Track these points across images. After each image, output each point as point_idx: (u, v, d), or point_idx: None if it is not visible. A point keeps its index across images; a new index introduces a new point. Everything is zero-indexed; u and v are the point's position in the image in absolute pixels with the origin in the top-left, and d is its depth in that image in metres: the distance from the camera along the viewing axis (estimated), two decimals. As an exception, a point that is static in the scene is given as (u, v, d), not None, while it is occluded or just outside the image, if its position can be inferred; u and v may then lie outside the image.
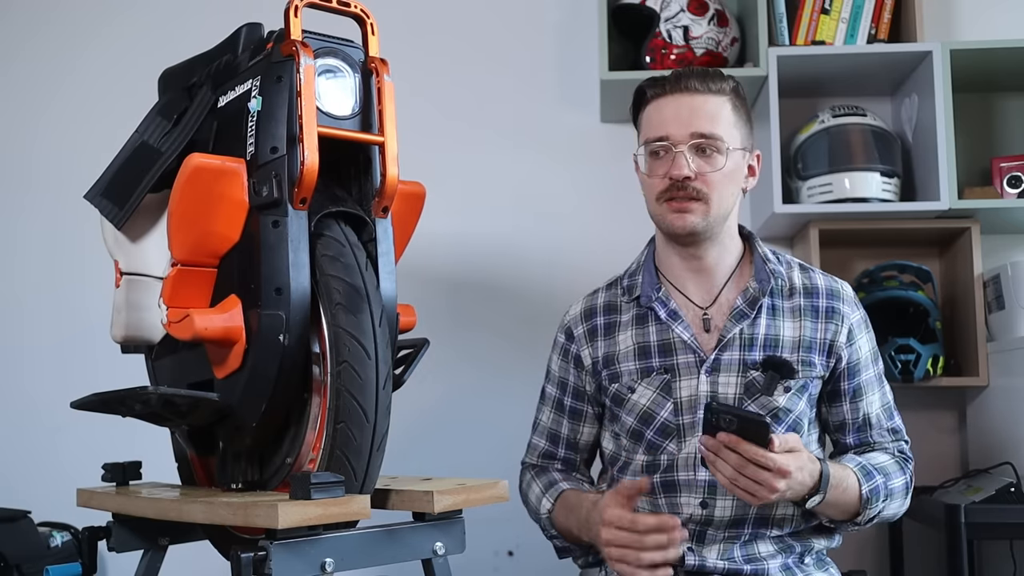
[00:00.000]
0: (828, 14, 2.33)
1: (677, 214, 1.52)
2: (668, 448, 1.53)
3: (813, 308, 1.57)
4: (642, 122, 1.58)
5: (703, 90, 1.52)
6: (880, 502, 1.49)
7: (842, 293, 1.60)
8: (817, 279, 1.60)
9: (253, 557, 1.11)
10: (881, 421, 1.59)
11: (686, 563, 1.50)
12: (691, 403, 1.52)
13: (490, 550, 2.40)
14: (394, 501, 1.32)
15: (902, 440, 1.61)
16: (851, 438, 1.59)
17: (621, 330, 1.60)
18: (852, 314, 1.59)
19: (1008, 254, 2.38)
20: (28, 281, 2.57)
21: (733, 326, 1.53)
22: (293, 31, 1.26)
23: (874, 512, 1.49)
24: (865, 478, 1.48)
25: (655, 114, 1.54)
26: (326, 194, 1.30)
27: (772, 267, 1.58)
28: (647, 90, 1.57)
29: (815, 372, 1.54)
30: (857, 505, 1.48)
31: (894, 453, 1.58)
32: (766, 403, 1.50)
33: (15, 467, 2.48)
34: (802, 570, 1.52)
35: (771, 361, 1.51)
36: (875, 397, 1.59)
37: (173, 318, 1.28)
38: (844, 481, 1.45)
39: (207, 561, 1.53)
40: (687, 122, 1.51)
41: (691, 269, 1.58)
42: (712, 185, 1.51)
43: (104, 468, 1.52)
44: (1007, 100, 2.44)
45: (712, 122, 1.51)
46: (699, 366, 1.53)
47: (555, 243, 2.48)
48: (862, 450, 1.58)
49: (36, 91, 2.62)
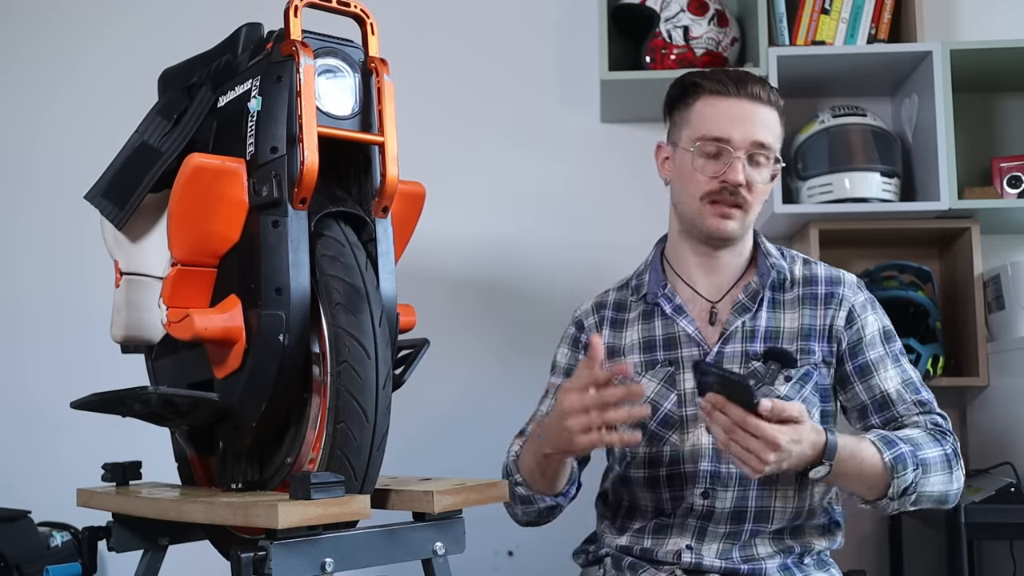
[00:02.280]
0: (828, 14, 2.33)
1: (720, 219, 1.53)
2: (671, 440, 1.54)
3: (812, 296, 1.58)
4: (692, 115, 1.56)
5: (764, 99, 1.53)
6: (910, 471, 1.40)
7: (843, 279, 1.60)
8: (819, 270, 1.61)
9: (253, 557, 1.11)
10: (903, 395, 1.54)
11: (683, 561, 1.50)
12: (694, 395, 1.53)
13: (490, 550, 2.40)
14: (394, 501, 1.32)
15: (935, 413, 1.53)
16: (875, 419, 1.54)
17: (628, 326, 1.63)
18: (853, 297, 1.58)
19: (1008, 254, 2.38)
20: (28, 281, 2.57)
21: (735, 319, 1.56)
22: (293, 31, 1.26)
23: (907, 483, 1.41)
24: (887, 446, 1.41)
25: (715, 113, 1.53)
26: (326, 194, 1.29)
27: (773, 261, 1.60)
28: (703, 83, 1.55)
29: (815, 358, 1.54)
30: (884, 476, 1.40)
31: (926, 426, 1.51)
32: (767, 393, 1.51)
33: (15, 467, 2.49)
34: (802, 570, 1.52)
35: (772, 351, 1.53)
36: (891, 373, 1.55)
37: (173, 318, 1.27)
38: (860, 453, 1.39)
39: (207, 561, 1.53)
40: (749, 129, 1.51)
41: (704, 266, 1.60)
42: (757, 195, 1.54)
43: (104, 468, 1.52)
44: (1007, 100, 2.45)
45: (770, 133, 1.54)
46: (703, 359, 1.54)
47: (555, 243, 2.48)
48: (890, 428, 1.52)
49: (36, 91, 2.62)
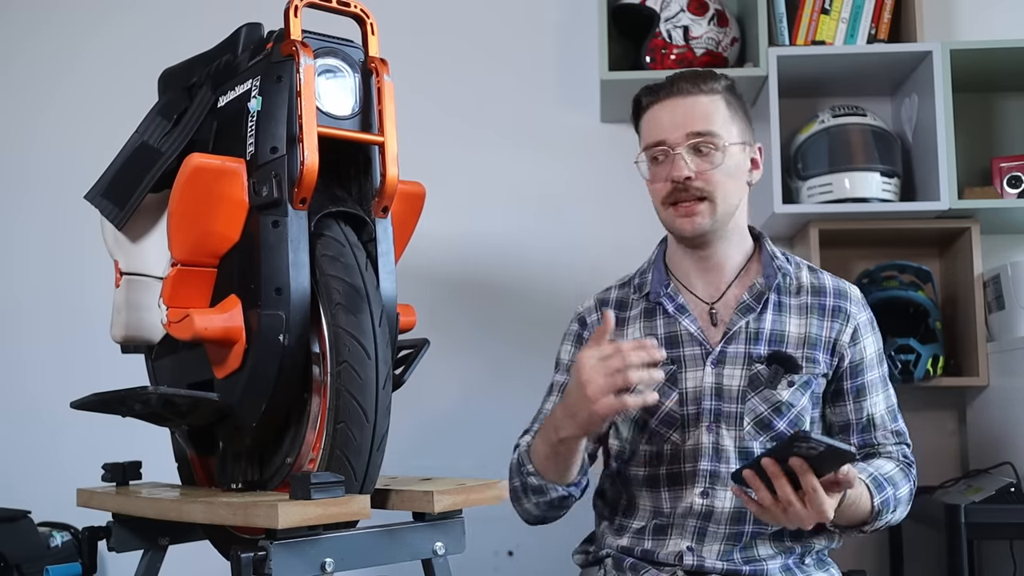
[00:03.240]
0: (828, 14, 2.33)
1: (684, 218, 1.54)
2: (672, 438, 1.54)
3: (820, 306, 1.58)
4: (641, 130, 1.61)
5: (695, 91, 1.54)
6: (889, 512, 1.49)
7: (850, 294, 1.61)
8: (825, 280, 1.62)
9: (253, 557, 1.11)
10: (886, 423, 1.59)
11: (684, 562, 1.50)
12: (696, 394, 1.53)
13: (490, 550, 2.40)
14: (394, 501, 1.32)
15: (904, 444, 1.60)
16: (855, 439, 1.58)
17: (630, 324, 1.63)
18: (859, 314, 1.59)
19: (1008, 254, 2.38)
20: (28, 281, 2.57)
21: (739, 319, 1.55)
22: (293, 31, 1.26)
23: (881, 523, 1.49)
24: (877, 490, 1.46)
25: (651, 121, 1.57)
26: (326, 194, 1.30)
27: (779, 264, 1.60)
28: (642, 99, 1.60)
29: (819, 369, 1.54)
30: (867, 516, 1.47)
31: (898, 459, 1.57)
32: (769, 396, 1.51)
33: (15, 467, 2.48)
34: (802, 570, 1.53)
35: (777, 355, 1.53)
36: (879, 398, 1.59)
37: (173, 318, 1.27)
38: (859, 498, 1.44)
39: (207, 561, 1.53)
40: (681, 124, 1.53)
41: (699, 267, 1.60)
42: (714, 183, 1.52)
43: (104, 468, 1.52)
44: (1007, 100, 2.44)
45: (706, 120, 1.53)
46: (704, 358, 1.54)
47: (555, 243, 2.48)
48: (867, 452, 1.57)
49: (36, 91, 2.62)
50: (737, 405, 1.52)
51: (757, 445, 1.51)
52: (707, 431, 1.52)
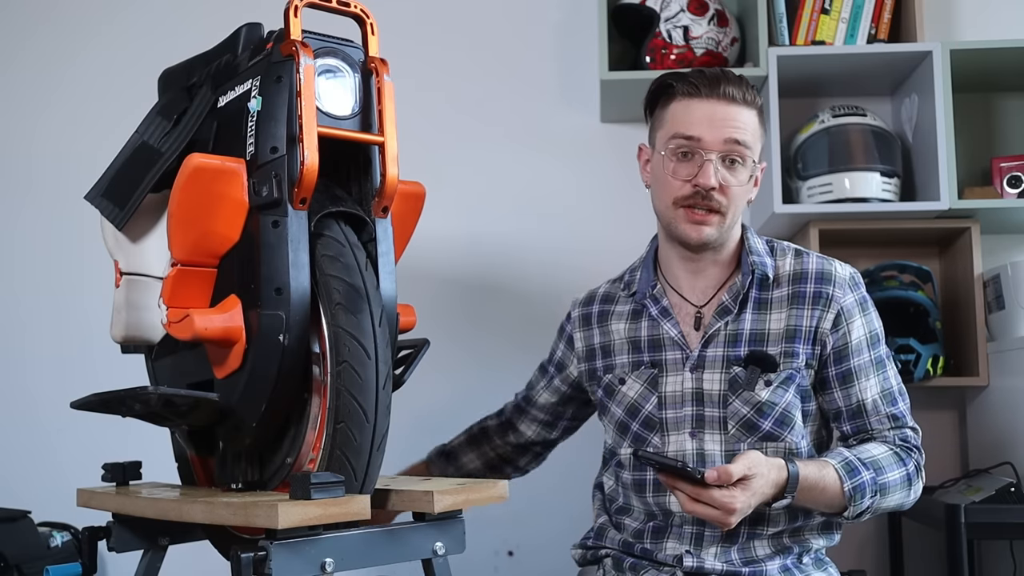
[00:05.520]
0: (828, 14, 2.33)
1: (693, 225, 1.51)
2: (653, 442, 1.55)
3: (800, 295, 1.53)
4: (666, 117, 1.54)
5: (739, 100, 1.50)
6: (867, 499, 1.44)
7: (835, 276, 1.54)
8: (810, 263, 1.56)
9: (253, 557, 1.11)
10: (879, 407, 1.54)
11: (684, 565, 1.50)
12: (675, 399, 1.54)
13: (490, 550, 2.40)
14: (394, 501, 1.32)
15: (905, 428, 1.54)
16: (847, 426, 1.55)
17: (615, 320, 1.64)
18: (843, 297, 1.54)
19: (1008, 254, 2.38)
20: (28, 282, 2.57)
21: (716, 322, 1.54)
22: (293, 31, 1.26)
23: (862, 508, 1.45)
24: (848, 475, 1.43)
25: (685, 112, 1.51)
26: (326, 194, 1.30)
27: (754, 259, 1.56)
28: (676, 85, 1.52)
29: (798, 362, 1.51)
30: (842, 501, 1.44)
31: (893, 442, 1.52)
32: (749, 398, 1.50)
33: (15, 467, 2.48)
34: (801, 570, 1.53)
35: (753, 355, 1.51)
36: (871, 382, 1.54)
37: (173, 318, 1.27)
38: (822, 481, 1.42)
39: (207, 561, 1.53)
40: (720, 128, 1.48)
41: (689, 270, 1.59)
42: (732, 198, 1.51)
43: (104, 468, 1.52)
44: (1007, 100, 2.45)
45: (745, 131, 1.50)
46: (685, 362, 1.54)
47: (555, 243, 2.48)
48: (860, 438, 1.54)
49: (36, 91, 2.62)
50: (719, 410, 1.51)
51: (744, 447, 1.49)
52: (690, 437, 1.52)
